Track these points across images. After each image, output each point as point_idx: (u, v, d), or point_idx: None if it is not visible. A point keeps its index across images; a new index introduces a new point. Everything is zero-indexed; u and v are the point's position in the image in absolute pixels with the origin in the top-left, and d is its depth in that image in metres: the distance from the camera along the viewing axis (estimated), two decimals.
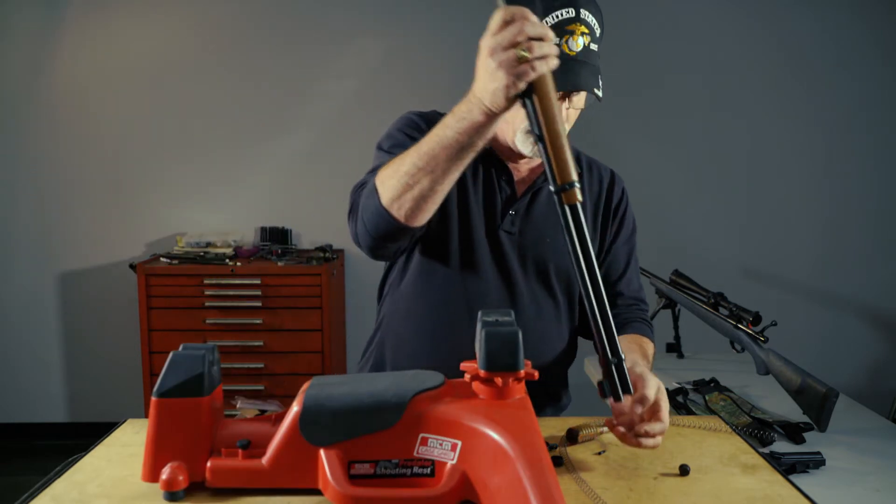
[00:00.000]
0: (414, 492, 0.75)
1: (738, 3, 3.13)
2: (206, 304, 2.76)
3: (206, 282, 2.76)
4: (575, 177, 0.79)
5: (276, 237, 3.09)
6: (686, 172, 3.21)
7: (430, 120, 1.19)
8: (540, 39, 0.79)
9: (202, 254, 2.89)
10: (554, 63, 0.81)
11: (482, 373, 0.80)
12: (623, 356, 0.82)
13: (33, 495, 0.81)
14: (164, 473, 0.78)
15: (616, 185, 1.31)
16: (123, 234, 3.15)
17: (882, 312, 3.28)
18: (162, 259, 2.87)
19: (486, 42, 0.80)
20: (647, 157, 3.16)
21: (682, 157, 3.20)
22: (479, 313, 0.87)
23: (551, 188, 0.81)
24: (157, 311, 2.77)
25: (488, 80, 0.82)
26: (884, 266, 3.26)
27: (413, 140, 1.10)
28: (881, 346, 3.30)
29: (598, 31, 1.09)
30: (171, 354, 0.81)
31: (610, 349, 0.81)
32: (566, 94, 1.10)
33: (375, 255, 1.12)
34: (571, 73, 1.06)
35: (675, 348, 2.17)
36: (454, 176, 0.95)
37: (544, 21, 1.06)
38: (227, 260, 2.85)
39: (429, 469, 0.77)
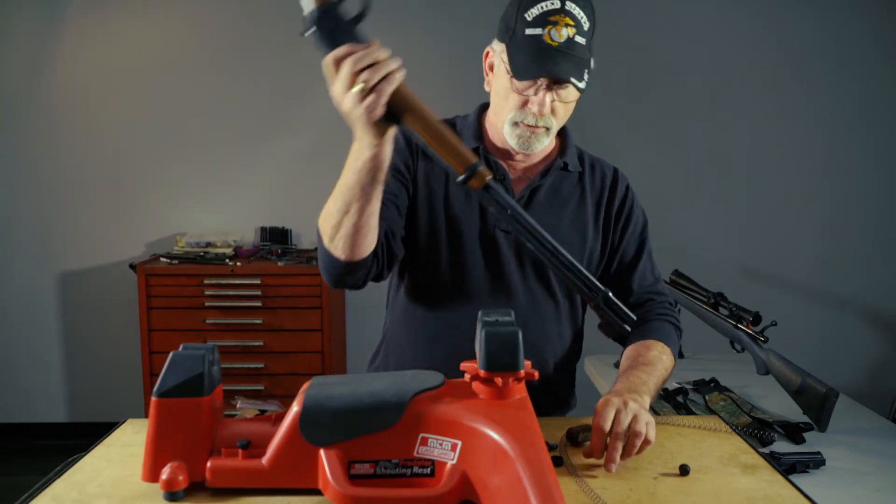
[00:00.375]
0: (414, 492, 0.75)
1: (738, 3, 3.13)
2: (206, 304, 2.76)
3: (206, 282, 2.76)
4: (473, 158, 0.84)
5: (276, 237, 3.09)
6: (686, 172, 3.21)
7: (405, 135, 1.21)
8: (372, 65, 0.82)
9: (202, 254, 2.89)
10: (399, 76, 0.83)
11: (482, 373, 0.80)
12: (608, 291, 0.86)
13: (33, 495, 0.81)
14: (164, 473, 0.78)
15: (619, 183, 1.30)
16: (123, 234, 3.15)
17: (882, 312, 3.28)
18: (162, 259, 2.87)
19: (331, 92, 0.85)
20: (648, 157, 3.16)
21: (683, 157, 3.20)
22: (480, 313, 0.87)
23: (459, 181, 0.84)
24: (157, 311, 2.77)
25: (351, 122, 0.87)
26: (884, 266, 3.26)
27: (396, 169, 1.17)
28: (881, 346, 3.30)
29: (586, 25, 1.09)
30: (171, 354, 0.81)
31: (591, 288, 0.85)
32: (550, 85, 1.10)
33: (339, 287, 1.15)
34: (549, 62, 1.07)
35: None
36: (375, 206, 1.00)
37: (529, 12, 1.08)
38: (227, 260, 2.85)
39: (429, 469, 0.77)
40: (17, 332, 3.18)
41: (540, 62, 1.07)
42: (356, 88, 0.82)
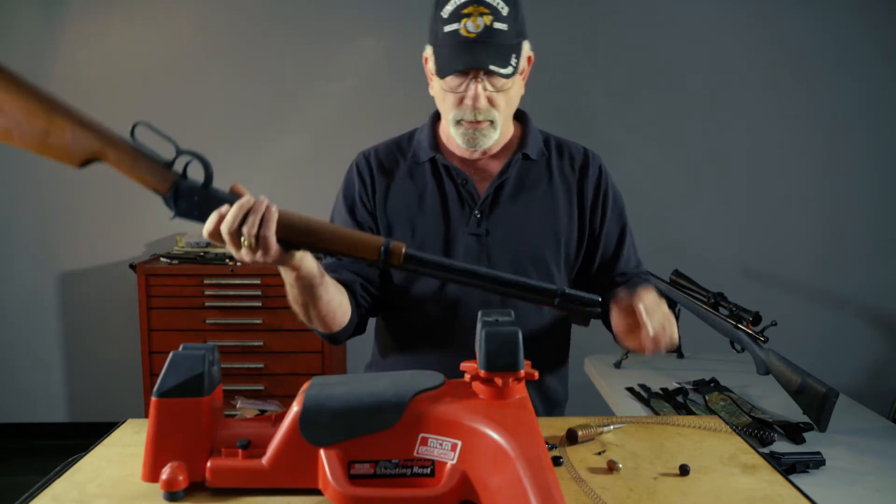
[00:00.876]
0: (414, 492, 0.75)
1: (739, 3, 3.12)
2: (206, 304, 2.76)
3: (206, 282, 2.76)
4: (379, 240, 0.88)
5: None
6: (686, 172, 3.21)
7: (377, 157, 1.26)
8: (245, 217, 0.85)
9: (202, 254, 2.89)
10: (273, 213, 0.87)
11: (482, 373, 0.80)
12: (562, 287, 0.87)
13: (33, 495, 0.81)
14: (164, 473, 0.78)
15: (591, 164, 1.27)
16: (123, 234, 3.15)
17: (882, 312, 3.28)
18: (162, 259, 2.87)
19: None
20: (648, 158, 3.16)
21: (683, 156, 3.20)
22: (479, 313, 0.87)
23: (380, 266, 0.89)
24: (157, 311, 2.77)
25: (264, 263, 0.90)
26: (884, 266, 3.26)
27: (352, 209, 1.23)
28: (881, 346, 3.30)
29: (504, 10, 1.08)
30: (171, 354, 0.81)
31: (542, 293, 0.87)
32: (477, 77, 1.10)
33: (339, 344, 1.22)
34: (465, 54, 1.08)
35: (675, 348, 2.17)
36: (330, 295, 1.07)
37: (444, 9, 1.09)
38: (227, 260, 2.84)
39: (429, 469, 0.77)
40: (17, 332, 3.18)
41: (458, 56, 1.08)
42: (244, 247, 0.86)
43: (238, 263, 2.80)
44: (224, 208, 0.85)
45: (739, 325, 1.73)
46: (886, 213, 3.23)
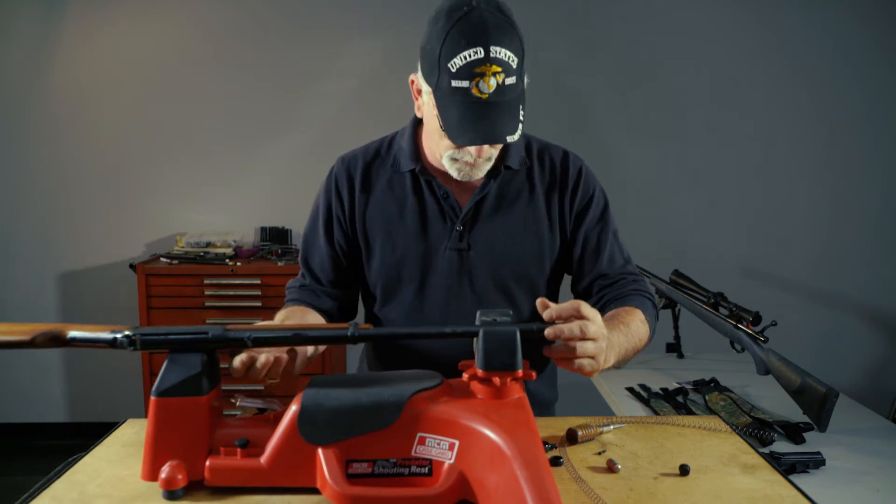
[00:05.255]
0: (411, 491, 0.75)
1: (739, 2, 3.12)
2: (206, 304, 2.76)
3: (206, 282, 2.76)
4: (343, 325, 0.87)
5: (276, 237, 3.09)
6: (686, 172, 3.21)
7: (356, 165, 1.25)
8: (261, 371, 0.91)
9: (202, 254, 2.89)
10: (278, 360, 0.93)
11: (480, 372, 0.80)
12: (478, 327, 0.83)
13: (33, 495, 0.81)
14: (164, 472, 0.78)
15: (570, 166, 1.24)
16: (123, 234, 3.15)
17: (882, 312, 3.28)
18: (162, 259, 2.87)
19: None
20: (647, 157, 3.16)
21: (683, 156, 3.20)
22: (478, 313, 0.87)
23: (354, 342, 0.87)
24: (157, 311, 2.77)
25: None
26: (884, 266, 3.25)
27: (328, 226, 1.25)
28: (881, 346, 3.30)
29: (514, 63, 1.01)
30: (170, 354, 0.81)
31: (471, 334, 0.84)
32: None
33: None
34: (483, 122, 1.01)
35: (675, 348, 2.17)
36: (313, 349, 1.09)
37: (452, 62, 1.00)
38: (227, 260, 2.85)
39: (426, 468, 0.77)
40: None
41: (473, 124, 1.01)
42: (269, 384, 0.97)
43: (238, 263, 2.81)
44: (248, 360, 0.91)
45: (739, 325, 1.73)
46: (886, 213, 3.23)
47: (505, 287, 1.21)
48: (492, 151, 1.13)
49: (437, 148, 1.14)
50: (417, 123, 1.25)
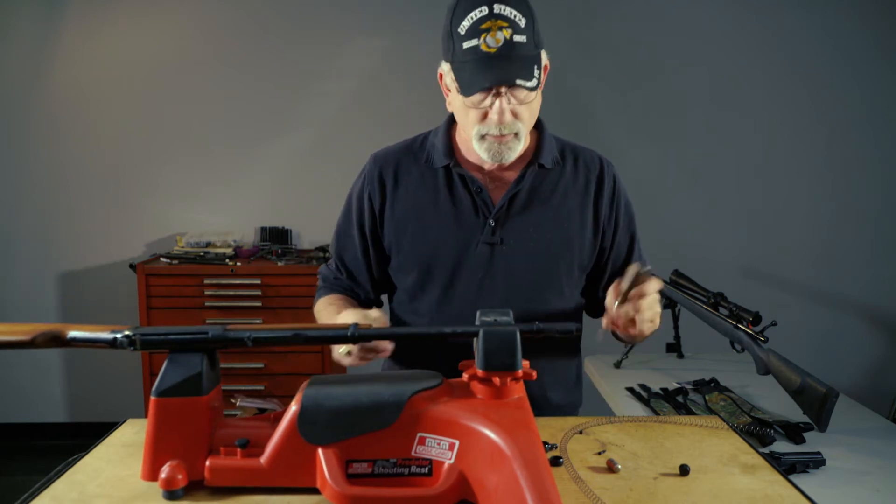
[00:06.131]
0: (411, 491, 0.75)
1: (739, 1, 3.12)
2: (206, 304, 2.76)
3: (206, 282, 2.76)
4: (345, 327, 0.89)
5: (276, 237, 3.09)
6: (686, 172, 3.21)
7: (388, 160, 1.27)
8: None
9: (202, 254, 2.89)
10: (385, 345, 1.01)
11: (480, 372, 0.80)
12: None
13: (33, 495, 0.81)
14: (164, 472, 0.78)
15: (606, 174, 1.27)
16: (123, 234, 3.15)
17: (882, 312, 3.28)
18: (162, 259, 2.87)
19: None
20: (648, 157, 3.16)
21: (683, 156, 3.20)
22: (478, 313, 0.86)
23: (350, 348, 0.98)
24: (157, 311, 2.77)
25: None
26: (884, 266, 3.25)
27: (361, 224, 1.27)
28: (881, 346, 3.30)
29: (522, 22, 1.06)
30: (170, 354, 0.81)
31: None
32: (501, 91, 1.09)
33: None
34: (490, 70, 1.06)
35: (675, 348, 2.17)
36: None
37: (461, 25, 1.06)
38: (227, 260, 2.85)
39: (426, 468, 0.77)
40: None
41: (482, 73, 1.06)
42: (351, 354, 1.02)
43: (238, 263, 2.81)
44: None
45: (739, 325, 1.73)
46: (886, 213, 3.23)
47: (534, 283, 1.22)
48: (518, 125, 1.12)
49: (467, 129, 1.16)
50: (452, 122, 1.27)
